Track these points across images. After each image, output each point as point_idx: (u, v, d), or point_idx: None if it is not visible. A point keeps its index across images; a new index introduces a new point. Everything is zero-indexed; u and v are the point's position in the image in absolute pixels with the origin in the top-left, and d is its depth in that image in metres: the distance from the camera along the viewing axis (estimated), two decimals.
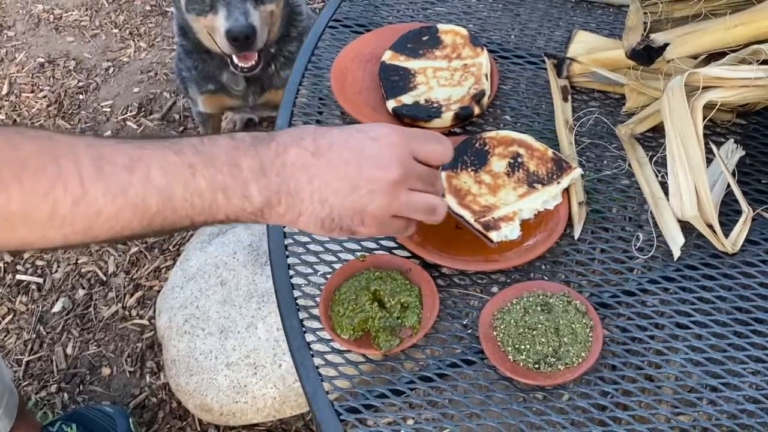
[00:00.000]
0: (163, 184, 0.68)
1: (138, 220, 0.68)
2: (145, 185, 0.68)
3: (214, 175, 0.71)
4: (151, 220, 0.69)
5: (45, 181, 0.64)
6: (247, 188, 0.72)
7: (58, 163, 0.65)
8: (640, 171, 1.01)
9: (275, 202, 0.73)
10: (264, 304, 1.65)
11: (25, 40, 2.75)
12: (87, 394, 1.80)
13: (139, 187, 0.68)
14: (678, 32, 0.99)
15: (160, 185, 0.68)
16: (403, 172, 0.76)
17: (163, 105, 2.47)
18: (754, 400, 0.82)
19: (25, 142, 0.65)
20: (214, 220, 0.72)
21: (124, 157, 0.68)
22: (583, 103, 1.12)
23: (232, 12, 1.67)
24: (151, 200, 0.68)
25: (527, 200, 0.97)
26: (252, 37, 1.69)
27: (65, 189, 0.64)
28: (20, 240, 0.65)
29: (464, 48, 1.15)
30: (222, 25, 1.69)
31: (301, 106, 1.16)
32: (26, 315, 1.96)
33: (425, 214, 0.80)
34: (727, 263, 0.93)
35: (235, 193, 0.71)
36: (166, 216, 0.69)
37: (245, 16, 1.67)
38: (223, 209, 0.72)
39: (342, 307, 0.90)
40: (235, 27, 1.67)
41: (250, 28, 1.68)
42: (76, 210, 0.65)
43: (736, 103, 1.01)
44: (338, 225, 0.76)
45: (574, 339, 0.85)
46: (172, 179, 0.69)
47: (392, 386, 0.86)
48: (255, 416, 1.60)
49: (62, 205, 0.65)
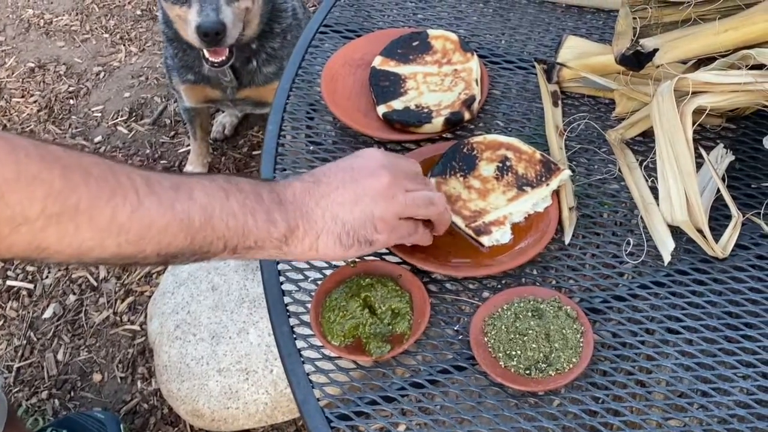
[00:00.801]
0: (205, 202, 0.74)
1: (183, 234, 0.72)
2: (190, 203, 0.73)
3: (244, 200, 0.77)
4: (194, 236, 0.73)
5: (107, 189, 0.68)
6: (271, 214, 0.78)
7: (116, 176, 0.69)
8: (630, 176, 1.01)
9: (294, 226, 0.79)
10: (255, 309, 1.65)
11: (15, 44, 2.74)
12: (78, 401, 1.80)
13: (185, 204, 0.72)
14: (667, 37, 0.99)
15: (202, 202, 0.74)
16: (391, 173, 0.84)
17: (154, 110, 2.46)
18: (744, 404, 0.82)
19: (83, 155, 0.69)
20: (244, 245, 0.77)
21: (168, 180, 0.73)
22: (573, 108, 1.13)
23: (204, 7, 1.68)
24: (195, 216, 0.73)
25: (517, 203, 0.97)
26: (222, 33, 1.69)
27: (124, 197, 0.69)
28: (80, 243, 0.67)
29: (454, 53, 1.15)
30: (193, 19, 1.69)
31: (292, 111, 1.16)
32: (17, 321, 1.96)
33: (425, 207, 0.87)
34: (718, 268, 0.94)
35: (262, 218, 0.77)
36: (206, 234, 0.74)
37: (216, 12, 1.68)
38: (252, 233, 0.77)
39: (333, 314, 0.89)
40: (205, 23, 1.67)
41: (220, 24, 1.68)
42: (133, 218, 0.69)
43: (726, 108, 1.01)
44: (355, 238, 0.82)
45: (565, 344, 0.85)
46: (211, 199, 0.74)
47: (383, 393, 0.86)
48: (247, 422, 1.59)
49: (121, 212, 0.68)
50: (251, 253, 0.78)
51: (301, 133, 1.13)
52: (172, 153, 2.36)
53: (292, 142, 1.12)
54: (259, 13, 1.83)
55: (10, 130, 2.41)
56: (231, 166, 2.30)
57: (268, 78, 1.95)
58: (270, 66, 1.94)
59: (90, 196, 0.67)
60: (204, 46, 1.75)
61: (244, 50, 1.88)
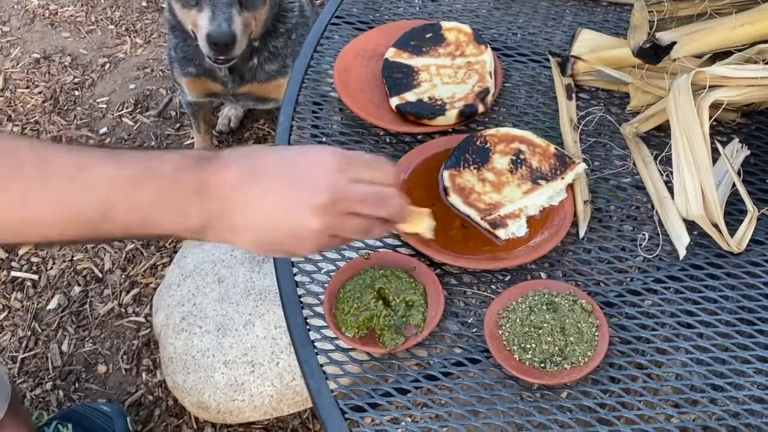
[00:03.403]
0: (103, 195, 0.69)
1: (74, 227, 0.69)
2: (86, 194, 0.69)
3: (159, 190, 0.71)
4: (86, 227, 0.70)
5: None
6: (187, 207, 0.72)
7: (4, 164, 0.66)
8: (645, 170, 1.01)
9: (214, 221, 0.73)
10: (261, 302, 1.64)
11: (20, 35, 2.73)
12: (82, 392, 1.79)
13: (79, 195, 0.68)
14: (684, 31, 0.99)
15: (100, 195, 0.69)
16: (333, 195, 0.75)
17: (160, 101, 2.46)
18: (758, 399, 0.82)
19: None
20: (151, 233, 0.73)
21: (70, 165, 0.69)
22: (587, 101, 1.12)
23: (217, 15, 1.66)
24: (87, 210, 0.69)
25: (532, 196, 0.97)
26: (231, 44, 1.68)
27: (7, 191, 0.66)
28: None
29: (468, 45, 1.15)
30: (204, 26, 1.67)
31: (303, 103, 1.16)
32: (21, 312, 1.95)
33: (362, 235, 0.79)
34: (732, 263, 0.93)
35: (175, 211, 0.72)
36: (102, 225, 0.70)
37: (228, 22, 1.66)
38: (162, 224, 0.72)
39: (347, 305, 0.89)
40: (216, 33, 1.65)
41: (231, 36, 1.66)
42: (14, 212, 0.67)
43: (742, 103, 1.01)
44: (275, 247, 0.77)
45: (580, 338, 0.85)
46: (114, 190, 0.69)
47: (397, 384, 0.85)
48: (252, 414, 1.59)
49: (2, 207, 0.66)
50: (163, 237, 0.76)
51: (309, 124, 1.13)
52: (177, 145, 2.35)
53: (302, 134, 1.12)
54: (263, 18, 1.82)
55: (15, 121, 2.40)
56: None
57: (270, 75, 1.94)
58: (272, 64, 1.93)
59: None
60: (212, 55, 1.74)
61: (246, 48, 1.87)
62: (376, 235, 0.82)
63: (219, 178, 0.73)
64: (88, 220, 0.69)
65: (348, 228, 0.77)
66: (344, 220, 0.76)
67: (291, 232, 0.75)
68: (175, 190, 0.72)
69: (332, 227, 0.75)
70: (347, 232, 0.77)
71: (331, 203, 0.74)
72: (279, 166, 0.76)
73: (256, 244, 0.76)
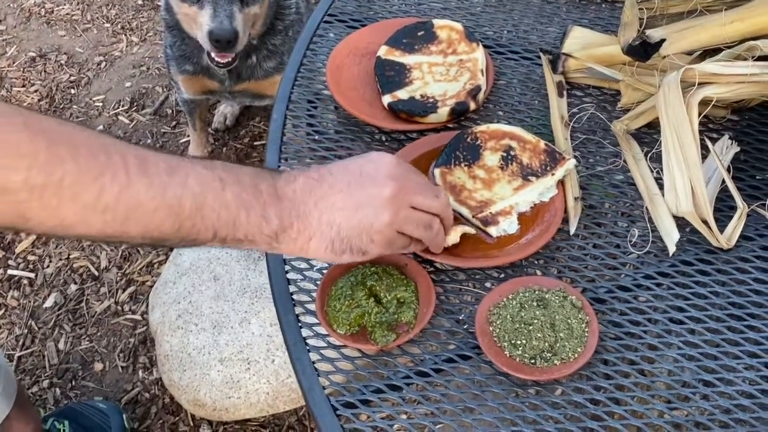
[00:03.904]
0: (197, 191, 0.72)
1: (171, 220, 0.71)
2: (183, 189, 0.71)
3: (240, 192, 0.75)
4: (182, 223, 0.72)
5: (96, 166, 0.67)
6: (265, 210, 0.76)
7: (108, 154, 0.68)
8: (636, 166, 1.01)
9: (287, 225, 0.77)
10: (257, 299, 1.65)
11: (16, 34, 2.74)
12: (79, 390, 1.80)
13: (177, 190, 0.71)
14: (674, 28, 0.99)
15: (194, 191, 0.72)
16: (398, 185, 0.82)
17: (155, 100, 2.46)
18: (747, 394, 0.83)
19: (76, 130, 0.68)
20: (234, 237, 0.76)
21: (164, 163, 0.71)
22: (578, 98, 1.13)
23: (218, 12, 1.66)
24: (185, 203, 0.71)
25: (523, 193, 0.97)
26: (234, 41, 1.68)
27: (113, 176, 0.67)
28: (61, 219, 0.67)
29: (460, 43, 1.15)
30: (206, 23, 1.67)
31: (297, 101, 1.16)
32: (18, 310, 1.96)
33: (420, 229, 0.85)
34: (722, 259, 0.94)
35: (255, 213, 0.76)
36: (195, 222, 0.73)
37: (230, 19, 1.66)
38: (243, 226, 0.75)
39: (338, 303, 0.89)
40: (218, 30, 1.65)
41: (233, 33, 1.66)
42: (120, 197, 0.68)
43: (731, 99, 1.01)
44: (348, 245, 0.80)
45: (570, 334, 0.85)
46: (205, 188, 0.73)
47: (388, 381, 0.86)
48: (248, 411, 1.59)
49: (108, 190, 0.67)
50: (242, 245, 0.77)
51: (304, 122, 1.13)
52: (173, 143, 2.35)
53: (296, 132, 1.12)
54: (263, 16, 1.82)
55: None
56: (232, 156, 2.30)
57: (268, 72, 1.95)
58: (270, 61, 1.94)
59: (77, 171, 0.65)
60: (214, 52, 1.74)
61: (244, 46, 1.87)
62: (435, 233, 0.87)
63: (290, 186, 0.79)
64: (186, 215, 0.72)
65: (413, 220, 0.83)
66: (409, 212, 0.83)
67: (362, 226, 0.80)
68: (255, 194, 0.76)
69: (399, 220, 0.82)
70: (412, 224, 0.83)
71: (397, 193, 0.81)
72: (344, 169, 0.82)
73: (330, 246, 0.80)
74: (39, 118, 0.66)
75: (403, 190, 0.82)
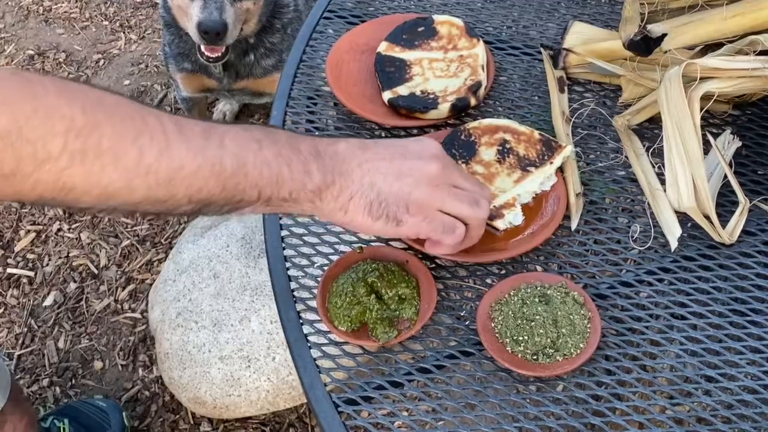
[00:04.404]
0: (236, 150, 0.71)
1: (215, 180, 0.70)
2: (221, 148, 0.70)
3: (279, 150, 0.74)
4: (225, 182, 0.71)
5: (133, 128, 0.66)
6: (307, 165, 0.76)
7: (144, 117, 0.67)
8: (637, 162, 1.01)
9: (330, 181, 0.77)
10: (257, 297, 1.64)
11: (15, 32, 2.73)
12: (79, 388, 1.80)
13: (216, 150, 0.70)
14: (675, 23, 0.98)
15: (233, 150, 0.71)
16: (443, 165, 0.82)
17: (154, 97, 2.45)
18: (750, 390, 0.82)
19: (107, 94, 0.67)
20: (278, 196, 0.75)
21: (199, 126, 0.71)
22: (580, 94, 1.12)
23: (208, 4, 1.67)
24: (227, 162, 0.71)
25: (524, 184, 0.97)
26: (223, 33, 1.68)
27: (152, 138, 0.66)
28: (105, 185, 0.65)
29: (460, 39, 1.15)
30: (195, 15, 1.68)
31: (296, 98, 1.16)
32: (17, 309, 1.95)
33: (468, 206, 0.84)
34: (724, 254, 0.94)
35: (297, 168, 0.75)
36: (239, 181, 0.72)
37: (219, 11, 1.66)
38: (287, 183, 0.75)
39: (339, 299, 0.89)
40: (207, 21, 1.66)
41: (223, 24, 1.67)
42: (161, 159, 0.67)
43: (733, 94, 1.01)
44: (385, 211, 0.79)
45: (572, 330, 0.85)
46: (243, 149, 0.72)
47: (390, 378, 0.86)
48: (248, 409, 1.59)
49: (148, 152, 0.66)
50: (285, 206, 0.76)
51: (304, 119, 1.13)
52: None
53: (295, 129, 1.12)
54: (258, 12, 1.82)
55: None
56: None
57: (266, 70, 1.95)
58: (269, 59, 1.93)
59: (114, 133, 0.64)
60: (203, 43, 1.74)
61: (241, 44, 1.87)
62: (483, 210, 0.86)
63: (331, 147, 0.79)
64: (228, 174, 0.71)
65: (456, 195, 0.83)
66: (449, 189, 0.82)
67: (401, 193, 0.80)
68: (293, 151, 0.75)
69: (439, 196, 0.81)
70: (452, 200, 0.82)
71: (441, 171, 0.81)
72: (388, 142, 0.84)
73: (368, 208, 0.79)
74: (71, 84, 0.65)
75: (447, 169, 0.82)
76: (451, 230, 0.84)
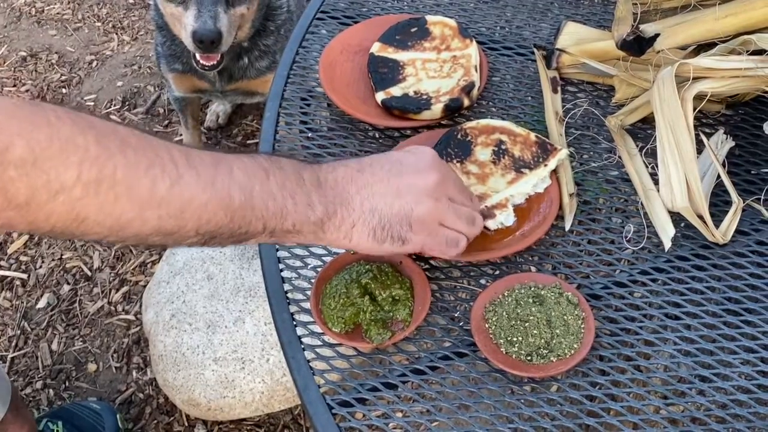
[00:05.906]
0: (244, 181, 0.72)
1: (223, 212, 0.71)
2: (230, 179, 0.71)
3: (284, 181, 0.75)
4: (233, 215, 0.71)
5: (145, 159, 0.66)
6: (310, 197, 0.76)
7: (154, 148, 0.67)
8: (630, 162, 1.01)
9: (332, 212, 0.78)
10: (251, 298, 1.64)
11: (7, 33, 2.72)
12: (73, 391, 1.79)
13: (225, 181, 0.70)
14: (668, 23, 0.99)
15: (241, 182, 0.72)
16: (440, 176, 0.83)
17: (147, 99, 2.45)
18: (744, 389, 0.82)
19: (119, 126, 0.67)
20: (282, 228, 0.75)
21: (207, 156, 0.71)
22: (573, 94, 1.12)
23: (202, 13, 1.65)
24: (235, 194, 0.71)
25: (517, 185, 0.97)
26: (218, 42, 1.67)
27: (163, 170, 0.67)
28: (117, 216, 0.65)
29: (453, 39, 1.15)
30: (189, 24, 1.67)
31: (289, 98, 1.15)
32: (10, 311, 1.95)
33: (465, 223, 0.86)
34: (717, 254, 0.94)
35: (301, 200, 0.76)
36: (245, 213, 0.72)
37: (214, 20, 1.65)
38: (291, 215, 0.75)
39: (333, 301, 0.89)
40: (201, 30, 1.65)
41: (217, 33, 1.66)
42: (172, 191, 0.67)
43: (726, 94, 1.01)
44: (389, 233, 0.80)
45: (566, 331, 0.85)
46: (251, 179, 0.73)
47: (384, 379, 0.85)
48: (243, 411, 1.59)
49: (161, 183, 0.66)
50: (289, 237, 0.77)
51: (297, 120, 1.13)
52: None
53: (288, 130, 1.12)
54: (252, 17, 1.81)
55: None
56: None
57: (260, 72, 1.94)
58: (263, 61, 1.93)
59: (127, 164, 0.64)
60: (198, 52, 1.73)
61: (235, 48, 1.86)
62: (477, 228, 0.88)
63: (331, 175, 0.79)
64: (237, 206, 0.71)
65: (455, 210, 0.84)
66: (449, 204, 0.84)
67: (402, 213, 0.80)
68: (298, 182, 0.76)
69: (440, 208, 0.82)
70: (453, 216, 0.84)
71: (438, 184, 0.82)
72: (384, 159, 0.83)
73: (372, 234, 0.80)
74: (83, 114, 0.65)
75: (444, 181, 0.83)
76: (455, 244, 0.86)
